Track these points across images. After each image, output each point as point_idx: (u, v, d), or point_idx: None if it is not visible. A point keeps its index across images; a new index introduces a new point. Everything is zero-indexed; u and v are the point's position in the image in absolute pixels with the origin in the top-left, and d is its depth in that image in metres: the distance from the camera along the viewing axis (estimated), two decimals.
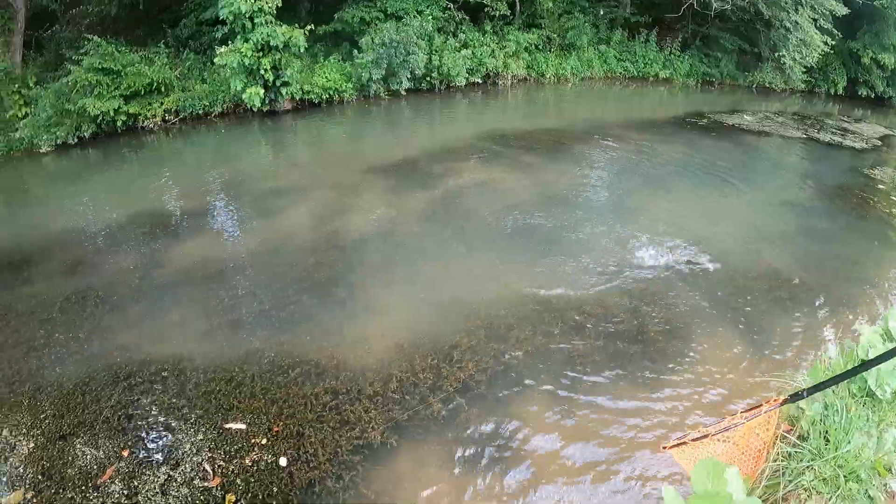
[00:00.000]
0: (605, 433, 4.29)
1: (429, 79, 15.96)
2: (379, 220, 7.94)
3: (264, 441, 4.19)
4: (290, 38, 12.72)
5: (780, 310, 5.97)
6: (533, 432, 4.30)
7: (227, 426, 4.33)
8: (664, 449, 3.03)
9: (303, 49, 13.24)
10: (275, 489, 3.81)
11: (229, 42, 12.42)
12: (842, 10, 16.65)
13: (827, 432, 3.07)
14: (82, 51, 11.99)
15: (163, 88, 12.69)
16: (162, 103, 12.67)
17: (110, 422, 4.42)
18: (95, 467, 4.02)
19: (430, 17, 15.72)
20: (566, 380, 4.83)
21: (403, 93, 15.47)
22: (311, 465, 3.98)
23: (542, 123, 13.55)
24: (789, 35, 16.95)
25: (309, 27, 13.30)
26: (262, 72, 12.60)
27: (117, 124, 12.10)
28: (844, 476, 2.82)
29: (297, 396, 4.62)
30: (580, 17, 18.76)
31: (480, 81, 17.10)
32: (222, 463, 4.02)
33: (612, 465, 4.03)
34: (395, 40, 14.22)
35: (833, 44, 17.33)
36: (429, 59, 15.64)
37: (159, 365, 5.03)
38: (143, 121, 12.55)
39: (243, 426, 4.32)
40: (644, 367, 5.01)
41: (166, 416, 4.47)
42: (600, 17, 19.43)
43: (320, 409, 4.49)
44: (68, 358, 5.20)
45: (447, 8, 16.62)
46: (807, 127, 14.52)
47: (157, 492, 3.81)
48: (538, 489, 3.84)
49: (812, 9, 16.83)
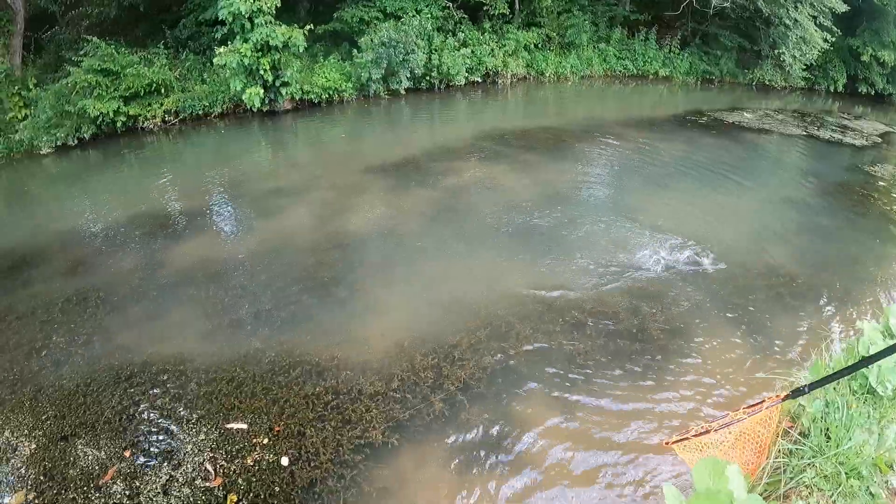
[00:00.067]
0: (607, 431, 4.29)
1: (428, 78, 15.95)
2: (379, 219, 7.95)
3: (266, 441, 4.19)
4: (290, 38, 12.71)
5: (781, 307, 5.97)
6: (534, 431, 4.30)
7: (229, 426, 4.33)
8: (667, 444, 3.03)
9: (302, 49, 13.24)
10: (276, 489, 3.82)
11: (229, 42, 12.40)
12: (841, 7, 16.64)
13: (828, 429, 3.08)
14: (82, 52, 12.03)
15: (162, 89, 12.69)
16: (162, 104, 12.67)
17: (112, 422, 4.42)
18: (97, 468, 4.02)
19: (429, 16, 15.70)
20: (567, 378, 4.83)
21: (403, 92, 15.46)
22: (313, 465, 3.99)
23: (541, 122, 13.54)
24: (789, 32, 16.95)
25: (308, 27, 13.30)
26: (262, 72, 12.59)
27: (117, 125, 12.11)
28: (846, 473, 2.82)
29: (299, 396, 4.62)
30: (579, 15, 18.74)
31: (480, 80, 17.08)
32: (224, 463, 4.02)
33: (613, 462, 4.03)
34: (394, 39, 14.22)
35: (833, 41, 17.34)
36: (428, 59, 15.63)
37: (160, 365, 5.03)
38: (142, 122, 12.55)
39: (244, 426, 4.33)
40: (645, 365, 5.01)
41: (167, 417, 4.48)
42: (599, 16, 19.41)
43: (321, 408, 4.49)
44: (69, 359, 5.21)
45: (446, 7, 16.60)
46: (807, 124, 14.50)
47: (158, 492, 3.81)
48: (539, 487, 3.84)
49: (812, 6, 16.83)
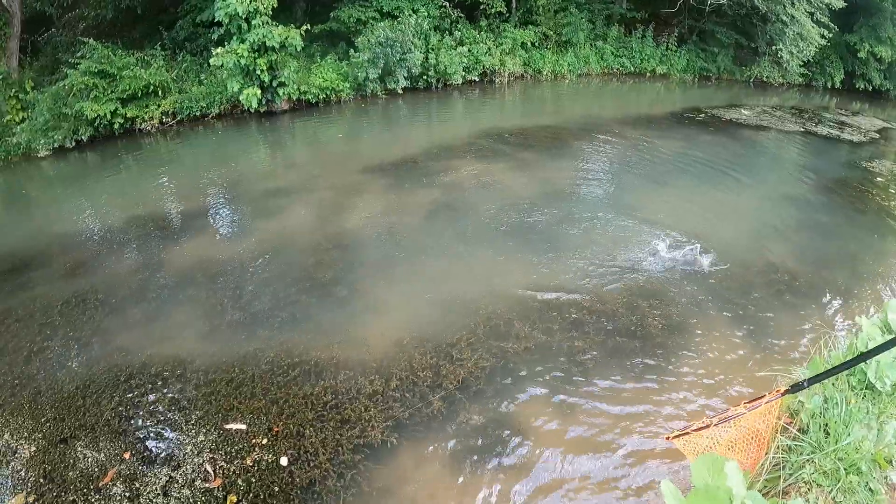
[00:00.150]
0: (605, 429, 4.29)
1: (425, 77, 15.93)
2: (377, 218, 7.94)
3: (265, 441, 4.19)
4: (287, 38, 12.69)
5: (779, 303, 5.97)
6: (533, 429, 4.30)
7: (228, 427, 4.33)
8: (668, 439, 3.03)
9: (299, 49, 13.22)
10: (276, 489, 3.82)
11: (225, 43, 12.39)
12: (838, 3, 16.63)
13: (827, 425, 3.07)
14: (79, 54, 12.02)
15: (159, 91, 12.68)
16: (159, 105, 12.66)
17: (111, 424, 4.42)
18: (97, 470, 4.02)
19: (426, 16, 15.68)
20: (566, 376, 4.83)
21: (400, 92, 15.44)
22: (312, 465, 3.99)
23: (539, 120, 13.53)
24: (786, 29, 16.94)
25: (305, 27, 13.28)
26: (259, 72, 12.58)
27: (114, 127, 12.10)
28: (845, 469, 2.82)
29: (298, 396, 4.62)
30: (576, 13, 18.72)
31: (477, 79, 17.07)
32: (223, 464, 4.02)
33: (612, 460, 4.03)
34: (391, 39, 14.20)
35: (830, 37, 17.33)
36: (425, 58, 15.63)
37: (159, 366, 5.03)
38: (140, 123, 12.54)
39: (244, 426, 4.33)
40: (644, 363, 5.01)
41: (167, 418, 4.47)
42: (596, 14, 19.39)
43: (320, 408, 4.49)
44: (68, 361, 5.20)
45: (442, 6, 16.59)
46: (804, 121, 14.51)
47: (158, 493, 3.81)
48: (538, 485, 3.84)
49: (808, 2, 16.82)
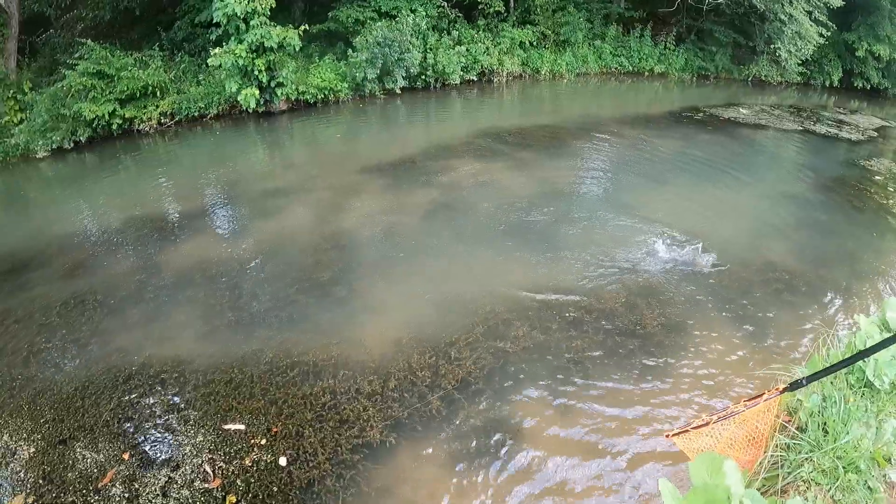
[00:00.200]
0: (604, 428, 4.29)
1: (424, 77, 15.92)
2: (376, 218, 7.94)
3: (264, 441, 4.19)
4: (285, 38, 12.68)
5: (778, 302, 5.98)
6: (532, 428, 4.30)
7: (227, 427, 4.33)
8: (667, 437, 3.03)
9: (297, 49, 13.21)
10: (275, 489, 3.82)
11: (224, 44, 12.37)
12: (836, 1, 16.64)
13: (825, 424, 3.08)
14: (77, 55, 12.01)
15: (158, 91, 12.67)
16: (157, 106, 12.64)
17: (110, 425, 4.42)
18: (96, 471, 4.02)
19: (424, 15, 15.65)
20: (564, 376, 4.83)
21: (398, 91, 15.44)
22: (311, 465, 3.99)
23: (537, 120, 13.53)
24: (784, 28, 16.94)
25: (303, 27, 13.26)
26: (257, 73, 12.56)
27: (113, 128, 12.08)
28: (843, 467, 2.82)
29: (296, 396, 4.62)
30: (574, 12, 18.72)
31: (475, 79, 17.06)
32: (222, 464, 4.02)
33: (611, 459, 4.04)
34: (389, 39, 14.19)
35: (828, 36, 17.35)
36: (423, 58, 15.61)
37: (158, 367, 5.02)
38: (138, 124, 12.53)
39: (242, 427, 4.32)
40: (643, 362, 5.01)
41: (166, 419, 4.47)
42: (594, 13, 19.40)
43: (319, 408, 4.49)
44: (67, 362, 5.20)
45: (440, 6, 16.59)
46: (803, 119, 14.52)
47: (158, 494, 3.81)
48: (537, 483, 3.85)
49: (807, 1, 16.83)
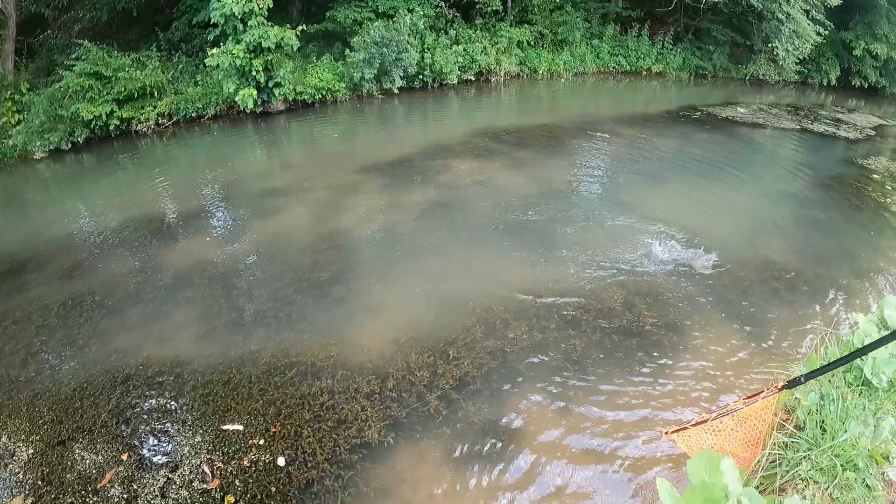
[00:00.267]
0: (603, 427, 4.29)
1: (421, 77, 15.92)
2: (374, 218, 7.93)
3: (262, 442, 4.19)
4: (282, 38, 12.68)
5: (776, 301, 5.98)
6: (530, 428, 4.30)
7: (225, 427, 4.32)
8: (667, 434, 3.04)
9: (295, 49, 13.21)
10: (273, 489, 3.81)
11: (221, 44, 12.36)
12: (834, 0, 16.67)
13: (823, 422, 3.08)
14: (74, 56, 12.00)
15: (155, 92, 12.66)
16: (155, 107, 12.63)
17: (108, 426, 4.41)
18: (95, 472, 4.01)
19: (421, 15, 15.66)
20: (562, 375, 4.83)
21: (396, 91, 15.44)
22: (310, 465, 3.98)
23: (535, 119, 13.53)
24: (782, 26, 16.96)
25: (301, 27, 13.27)
26: (255, 73, 12.56)
27: (110, 129, 12.07)
28: (841, 465, 2.83)
29: (295, 397, 4.61)
30: (572, 12, 18.74)
31: (473, 79, 17.07)
32: (221, 464, 4.02)
33: (609, 459, 4.03)
34: (386, 38, 14.19)
35: (825, 34, 17.37)
36: (421, 58, 15.61)
37: (157, 368, 5.02)
38: (136, 125, 12.52)
39: (241, 427, 4.32)
40: (641, 361, 5.01)
41: (164, 419, 4.47)
42: (592, 12, 19.42)
43: (317, 408, 4.49)
44: (66, 363, 5.19)
45: (438, 5, 16.59)
46: (800, 118, 14.54)
47: (156, 495, 3.81)
48: (536, 483, 3.85)
49: (804, 0, 16.86)
